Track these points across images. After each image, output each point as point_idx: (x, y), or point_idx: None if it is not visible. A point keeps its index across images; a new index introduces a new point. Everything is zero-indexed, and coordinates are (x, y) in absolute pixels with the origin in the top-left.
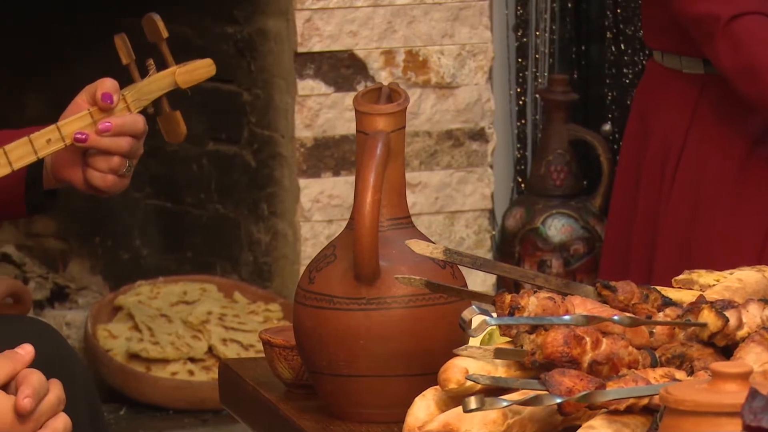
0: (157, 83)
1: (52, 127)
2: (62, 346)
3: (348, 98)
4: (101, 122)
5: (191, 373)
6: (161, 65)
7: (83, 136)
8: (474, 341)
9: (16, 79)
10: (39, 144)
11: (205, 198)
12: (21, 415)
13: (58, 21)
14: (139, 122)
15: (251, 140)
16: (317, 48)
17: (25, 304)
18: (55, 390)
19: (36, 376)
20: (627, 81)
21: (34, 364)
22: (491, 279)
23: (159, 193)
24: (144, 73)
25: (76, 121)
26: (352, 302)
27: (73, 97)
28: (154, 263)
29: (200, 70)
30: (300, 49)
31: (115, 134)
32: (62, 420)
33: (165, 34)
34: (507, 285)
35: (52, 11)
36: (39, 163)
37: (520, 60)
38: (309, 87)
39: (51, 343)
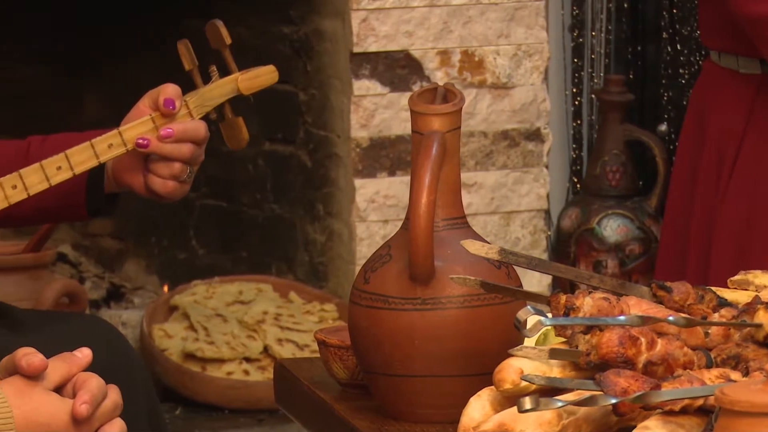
0: (219, 89)
1: (114, 132)
2: (122, 344)
3: (404, 98)
4: (163, 128)
5: (247, 372)
6: (224, 71)
7: (145, 142)
8: (529, 341)
9: (74, 80)
10: (100, 148)
11: (261, 198)
12: (77, 421)
13: (117, 22)
14: (200, 129)
15: (307, 140)
16: (373, 48)
17: (80, 303)
18: (113, 395)
19: (95, 381)
20: (683, 81)
21: (93, 361)
22: (547, 279)
23: (215, 193)
24: (207, 78)
25: (138, 126)
26: (407, 302)
27: (132, 99)
28: (209, 263)
29: (263, 77)
30: (356, 50)
31: (176, 140)
32: (117, 426)
33: (228, 40)
34: (562, 285)
35: (112, 12)
36: (100, 167)
37: (576, 60)
38: (365, 87)
39: (110, 341)
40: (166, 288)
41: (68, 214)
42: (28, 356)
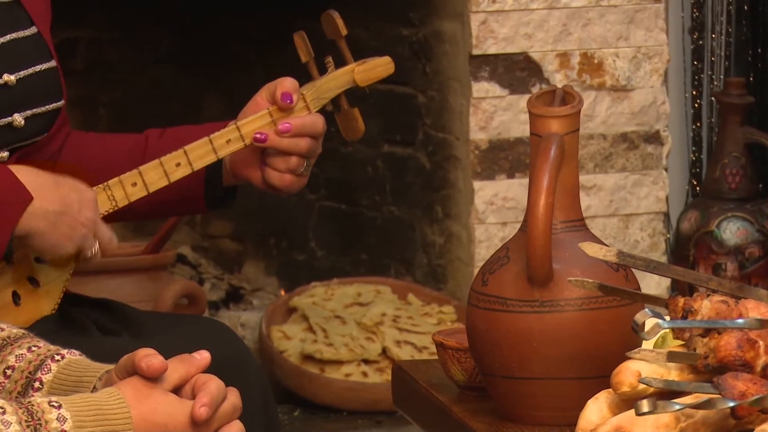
0: (335, 81)
1: (232, 126)
2: (239, 346)
3: (523, 100)
4: (281, 123)
5: (365, 374)
6: (339, 63)
7: (262, 137)
8: (647, 344)
9: (194, 82)
10: (219, 144)
11: (380, 200)
12: (195, 423)
13: (234, 23)
14: (318, 123)
15: (426, 142)
16: (492, 50)
17: (199, 305)
18: (232, 398)
19: (214, 384)
20: None
21: (210, 363)
22: (665, 282)
23: (334, 194)
24: (322, 70)
25: (256, 120)
26: (524, 304)
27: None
28: (328, 265)
29: (379, 68)
30: (475, 52)
31: (294, 135)
32: (236, 428)
33: (344, 31)
34: (681, 288)
35: (228, 13)
36: (218, 160)
37: (695, 63)
38: (484, 89)
39: (228, 343)
40: (282, 291)
41: (187, 208)
42: (148, 357)
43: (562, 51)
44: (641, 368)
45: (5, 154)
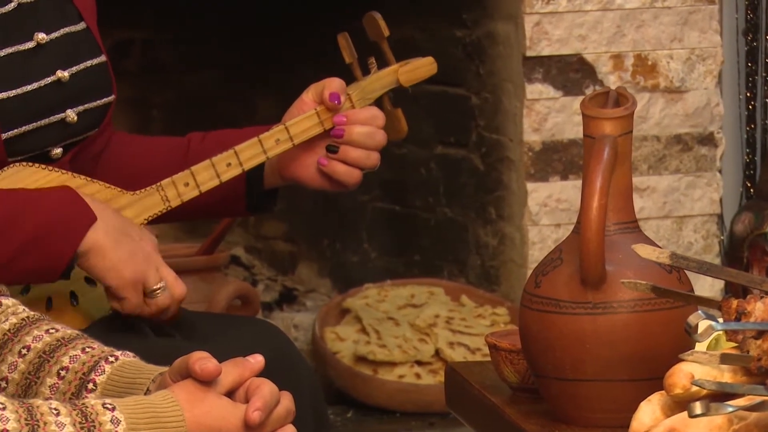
0: (379, 81)
1: (281, 127)
2: (290, 349)
3: (576, 102)
4: (336, 116)
5: (418, 376)
6: (382, 64)
7: (340, 132)
8: (700, 346)
9: (248, 85)
10: (268, 144)
11: (434, 201)
12: (249, 427)
13: (285, 23)
14: (378, 116)
15: (479, 144)
16: (546, 52)
17: (253, 306)
18: (285, 402)
19: (268, 387)
20: None
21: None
22: (719, 284)
23: (387, 196)
24: (365, 71)
25: (304, 120)
26: (578, 306)
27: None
28: (382, 266)
29: (422, 68)
30: (529, 53)
31: (364, 124)
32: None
33: (386, 32)
34: (734, 290)
35: (280, 13)
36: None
37: (749, 64)
38: (537, 91)
39: (279, 345)
40: (335, 293)
41: (228, 210)
42: (202, 361)
43: (616, 52)
44: (694, 370)
45: (59, 150)
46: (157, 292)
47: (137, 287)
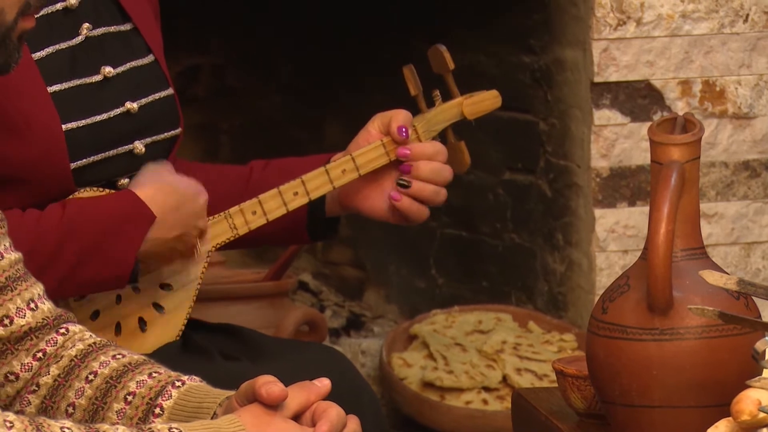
0: (444, 114)
1: (347, 157)
2: (355, 375)
3: (644, 128)
4: (400, 148)
5: (485, 402)
6: (446, 96)
7: (407, 168)
8: (767, 373)
9: (316, 109)
10: (334, 174)
11: (501, 227)
12: None
13: (354, 48)
14: (442, 151)
15: (547, 170)
16: (614, 78)
17: (320, 332)
18: (352, 425)
19: (335, 411)
20: None
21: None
22: None
23: (455, 222)
24: (430, 103)
25: (370, 151)
26: (645, 332)
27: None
28: (449, 292)
29: (487, 101)
30: (597, 79)
31: (430, 159)
32: None
33: (451, 65)
34: None
35: (348, 39)
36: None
37: None
38: (605, 117)
39: (343, 371)
40: (403, 319)
41: (290, 238)
42: (268, 385)
43: (684, 78)
44: (761, 396)
45: (125, 180)
46: (196, 255)
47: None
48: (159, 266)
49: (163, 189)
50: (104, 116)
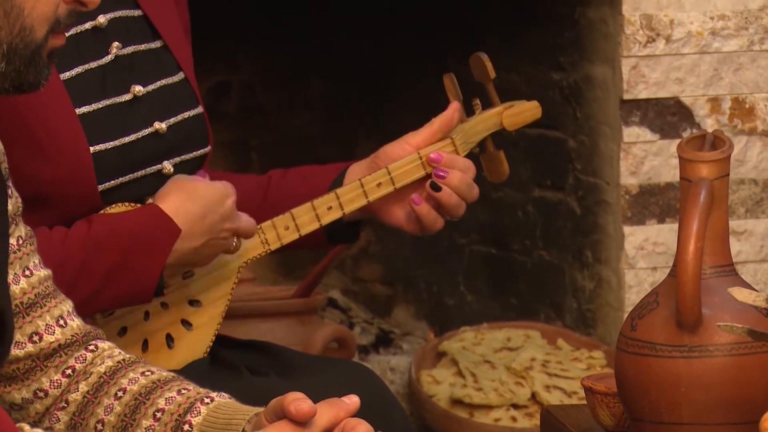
0: (483, 124)
1: (383, 170)
2: (384, 392)
3: (673, 145)
4: (438, 170)
5: (514, 419)
6: (486, 105)
7: (440, 190)
8: None
9: (345, 124)
10: (369, 187)
11: (530, 244)
12: None
13: (384, 66)
14: (472, 168)
15: (576, 187)
16: (643, 95)
17: (349, 349)
18: None
19: (364, 428)
20: None
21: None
22: None
23: (484, 239)
24: (469, 111)
25: (406, 164)
26: (674, 349)
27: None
28: (478, 309)
29: (527, 112)
30: (626, 96)
31: (463, 172)
32: None
33: (492, 73)
34: None
35: (378, 56)
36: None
37: None
38: (634, 134)
39: (373, 388)
40: (432, 335)
41: (307, 243)
42: (297, 402)
43: (714, 96)
44: None
45: (151, 200)
46: (234, 250)
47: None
48: (191, 267)
49: (188, 198)
50: (132, 137)
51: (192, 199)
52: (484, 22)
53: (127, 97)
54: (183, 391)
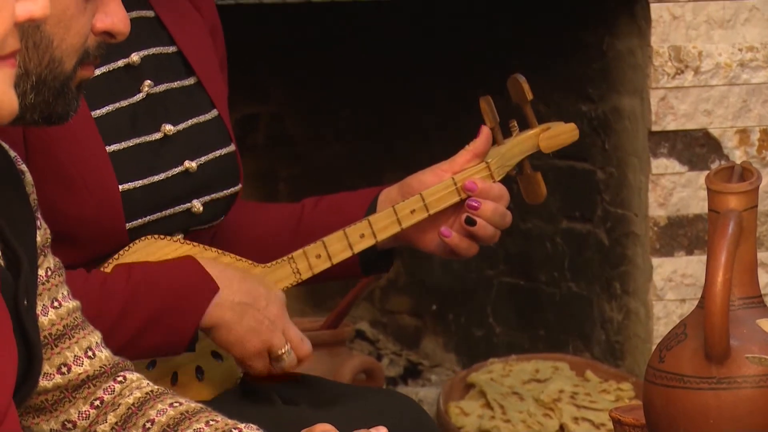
0: (520, 146)
1: (416, 197)
2: (423, 419)
3: (702, 177)
4: (468, 182)
5: None
6: (523, 127)
7: (474, 218)
8: None
9: (374, 155)
10: (403, 214)
11: (559, 276)
12: None
13: (412, 95)
14: (506, 196)
15: (604, 218)
16: (672, 126)
17: (377, 380)
18: None
19: None
20: None
21: None
22: None
23: (513, 270)
24: (506, 133)
25: (440, 190)
26: (702, 381)
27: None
28: (506, 341)
29: (564, 135)
30: (654, 128)
31: (495, 201)
32: None
33: (530, 95)
34: None
35: (407, 86)
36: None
37: None
38: (663, 165)
39: (414, 417)
40: (460, 368)
41: (341, 273)
42: None
43: (742, 127)
44: None
45: (179, 236)
46: (283, 356)
47: (263, 355)
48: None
49: (227, 265)
50: (162, 176)
51: (244, 278)
52: (512, 54)
53: (157, 135)
54: (211, 423)
